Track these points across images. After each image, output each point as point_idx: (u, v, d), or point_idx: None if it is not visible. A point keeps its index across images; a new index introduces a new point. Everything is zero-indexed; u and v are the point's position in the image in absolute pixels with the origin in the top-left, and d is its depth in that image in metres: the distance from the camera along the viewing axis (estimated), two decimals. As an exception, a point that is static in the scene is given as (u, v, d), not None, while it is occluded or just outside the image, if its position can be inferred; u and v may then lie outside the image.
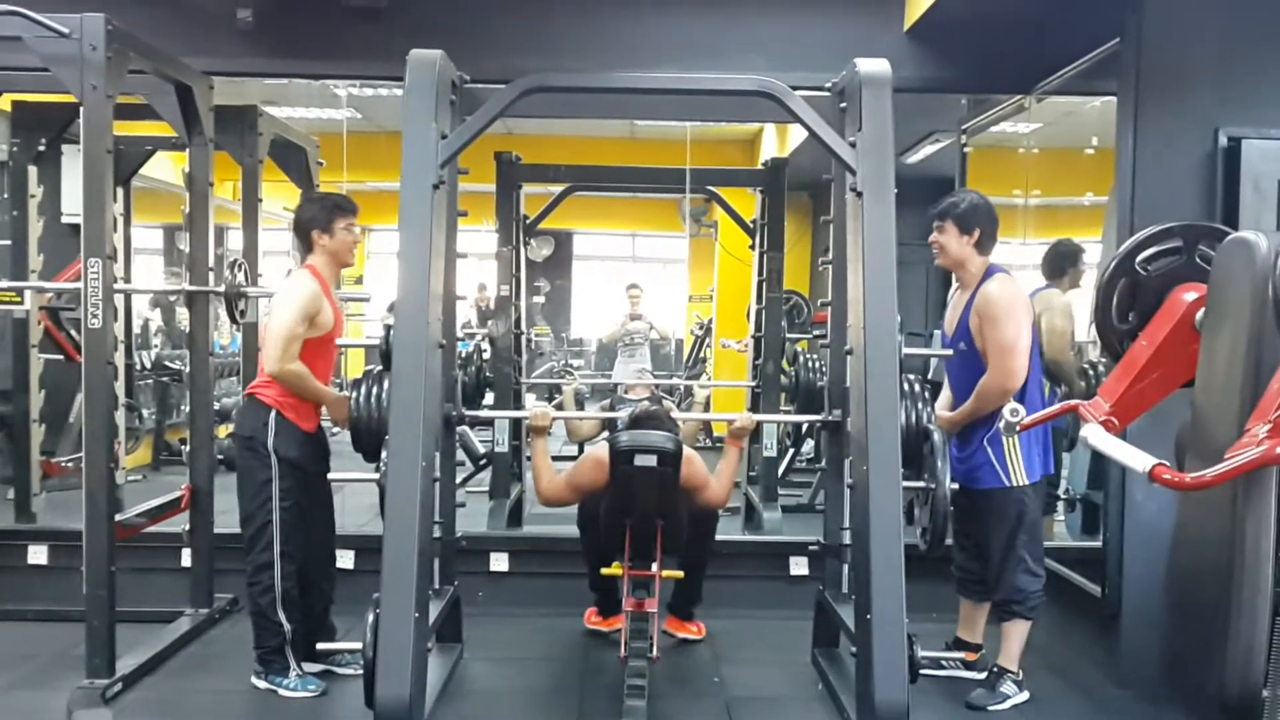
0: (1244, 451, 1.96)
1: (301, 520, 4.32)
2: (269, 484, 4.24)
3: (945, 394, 4.58)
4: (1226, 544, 2.14)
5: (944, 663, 4.54)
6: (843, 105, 4.29)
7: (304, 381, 4.25)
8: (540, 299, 11.67)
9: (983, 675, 4.39)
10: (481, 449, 7.57)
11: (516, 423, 6.68)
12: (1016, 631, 4.30)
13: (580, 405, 8.46)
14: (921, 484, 4.33)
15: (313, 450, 4.37)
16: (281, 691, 4.26)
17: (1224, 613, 2.17)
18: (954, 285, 4.51)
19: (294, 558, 4.28)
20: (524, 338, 7.23)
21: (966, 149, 6.60)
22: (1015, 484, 4.25)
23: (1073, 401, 2.82)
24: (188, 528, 5.03)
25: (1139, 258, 2.73)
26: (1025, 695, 4.29)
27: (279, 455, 4.22)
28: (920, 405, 4.41)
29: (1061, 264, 5.56)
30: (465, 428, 5.31)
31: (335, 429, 4.67)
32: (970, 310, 4.26)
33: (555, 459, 8.75)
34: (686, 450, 4.47)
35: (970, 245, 4.30)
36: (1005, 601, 4.30)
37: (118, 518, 4.35)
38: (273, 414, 4.25)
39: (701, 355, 11.51)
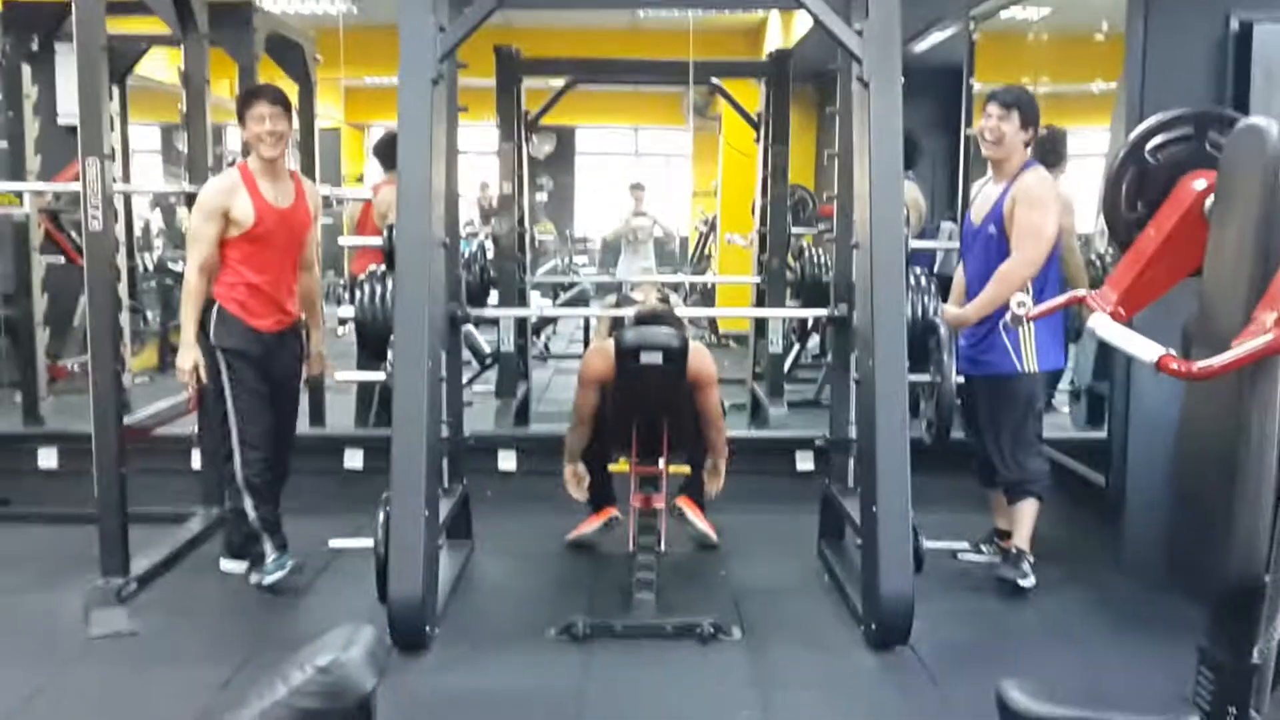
0: (1251, 339, 1.95)
1: (264, 408, 4.30)
2: (219, 376, 4.23)
3: (957, 288, 4.58)
4: (1231, 432, 2.15)
5: (983, 549, 4.67)
6: (849, -8, 4.20)
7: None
8: (543, 196, 11.58)
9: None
10: (487, 348, 7.58)
11: (522, 321, 6.68)
12: (1029, 511, 4.36)
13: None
14: (927, 378, 4.35)
15: (261, 345, 4.26)
16: (258, 578, 4.32)
17: (1228, 501, 2.17)
18: (984, 178, 4.51)
19: (256, 445, 4.27)
20: (527, 236, 7.18)
21: (975, 36, 6.47)
22: (1027, 370, 4.28)
23: (1080, 292, 2.80)
24: (196, 429, 5.06)
25: (1148, 145, 2.68)
26: (1033, 580, 4.32)
27: (220, 347, 4.19)
28: (926, 299, 4.42)
29: (1059, 150, 5.59)
30: (470, 327, 5.31)
31: (339, 320, 4.76)
32: (1005, 197, 4.25)
33: (561, 357, 8.82)
34: (694, 344, 4.46)
35: (1023, 138, 4.28)
36: (1019, 482, 4.36)
37: (126, 420, 4.38)
38: (215, 307, 4.20)
39: (706, 251, 11.46)
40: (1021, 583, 4.29)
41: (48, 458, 5.52)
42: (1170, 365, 2.02)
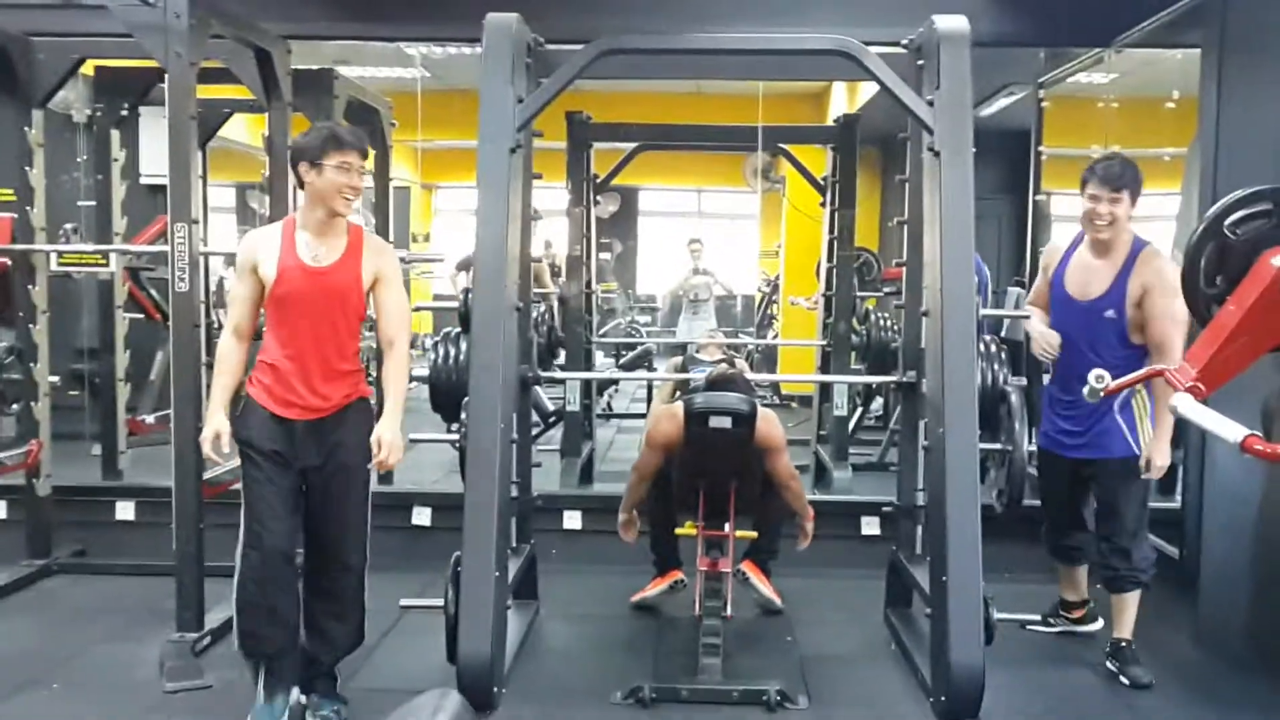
0: (1338, 422, 1.95)
1: (283, 507, 3.59)
2: (239, 467, 3.67)
3: (1038, 325, 4.36)
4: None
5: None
6: (920, 63, 4.24)
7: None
8: (609, 256, 11.68)
9: (1093, 627, 4.61)
10: (552, 406, 7.64)
11: (587, 381, 6.73)
12: (1135, 601, 4.23)
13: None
14: (998, 446, 4.33)
15: (284, 437, 3.58)
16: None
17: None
18: (1072, 244, 4.30)
19: (258, 547, 3.55)
20: (594, 297, 7.26)
21: (1044, 102, 6.49)
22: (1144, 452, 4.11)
23: (1159, 366, 2.79)
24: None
25: (1227, 221, 2.68)
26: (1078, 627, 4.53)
27: (237, 437, 3.60)
28: (996, 366, 4.40)
29: None
30: (537, 387, 5.39)
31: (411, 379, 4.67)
32: (1129, 279, 4.07)
33: (624, 416, 8.85)
34: (762, 410, 4.48)
35: (1131, 216, 4.12)
36: (1132, 572, 4.19)
37: (205, 476, 4.47)
38: (243, 394, 3.69)
39: (771, 312, 11.48)
40: (1145, 680, 4.15)
41: (125, 510, 5.64)
42: (1255, 446, 2.01)
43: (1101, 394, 2.72)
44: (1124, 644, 4.24)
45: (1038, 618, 4.60)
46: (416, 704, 1.83)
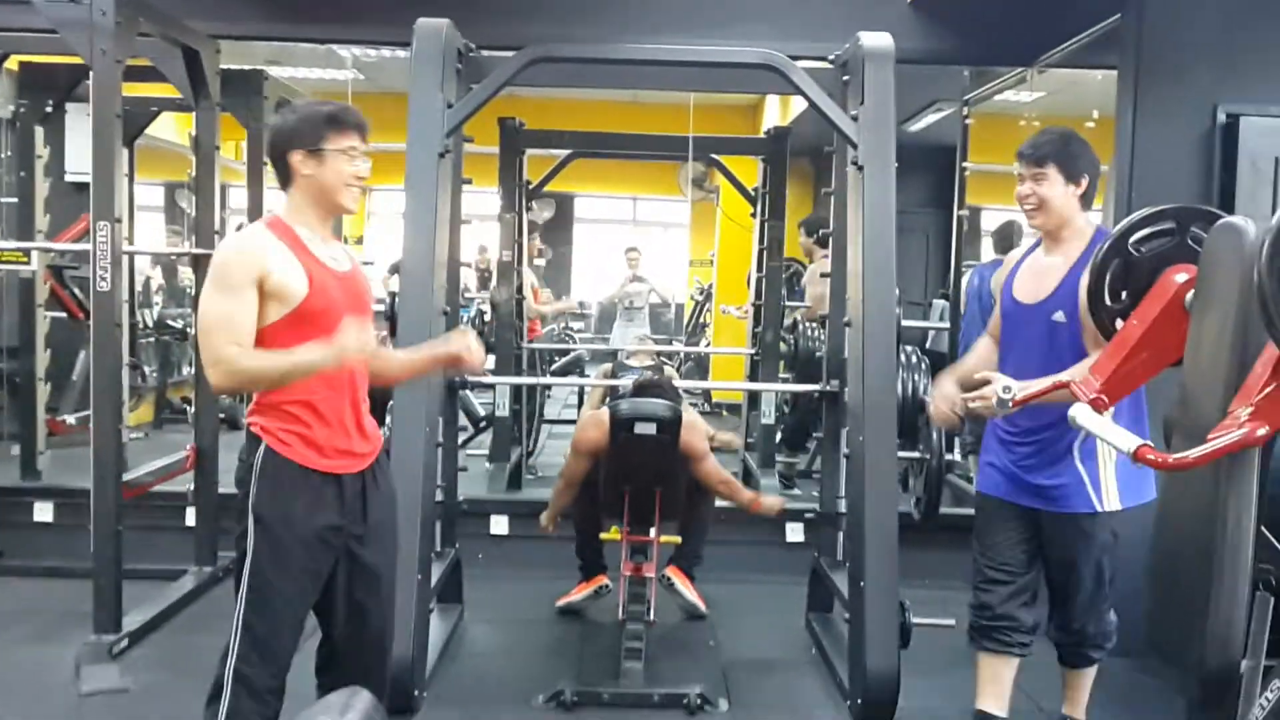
0: (1226, 433, 2.02)
1: (299, 624, 2.77)
2: (243, 563, 2.70)
3: (971, 363, 3.63)
4: (1208, 521, 2.21)
5: None
6: (845, 78, 4.33)
7: (264, 370, 2.63)
8: (541, 263, 11.69)
9: None
10: (482, 411, 7.64)
11: (517, 387, 6.74)
12: (1090, 678, 3.66)
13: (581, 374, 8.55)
14: (916, 454, 4.41)
15: (318, 501, 2.69)
16: None
17: (1204, 588, 2.23)
18: (1028, 250, 3.53)
19: (273, 689, 2.72)
20: (525, 303, 7.27)
21: (968, 120, 6.62)
22: (1107, 508, 3.35)
23: (1063, 377, 2.88)
24: (192, 487, 5.11)
25: (1132, 238, 2.78)
26: None
27: (255, 513, 2.66)
28: (917, 377, 4.49)
29: (1012, 239, 5.78)
30: (466, 391, 5.40)
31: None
32: (1080, 274, 3.17)
33: (555, 422, 8.86)
34: (688, 416, 4.52)
35: (1076, 197, 3.32)
36: (1094, 644, 3.56)
37: (125, 477, 4.42)
38: (261, 450, 2.68)
39: (702, 320, 11.55)
40: None
41: (44, 512, 5.55)
42: (1147, 456, 2.08)
43: (1011, 406, 2.78)
44: None
45: (951, 622, 4.06)
46: (326, 702, 1.83)
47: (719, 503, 4.91)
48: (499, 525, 5.68)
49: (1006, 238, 6.65)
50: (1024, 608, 3.49)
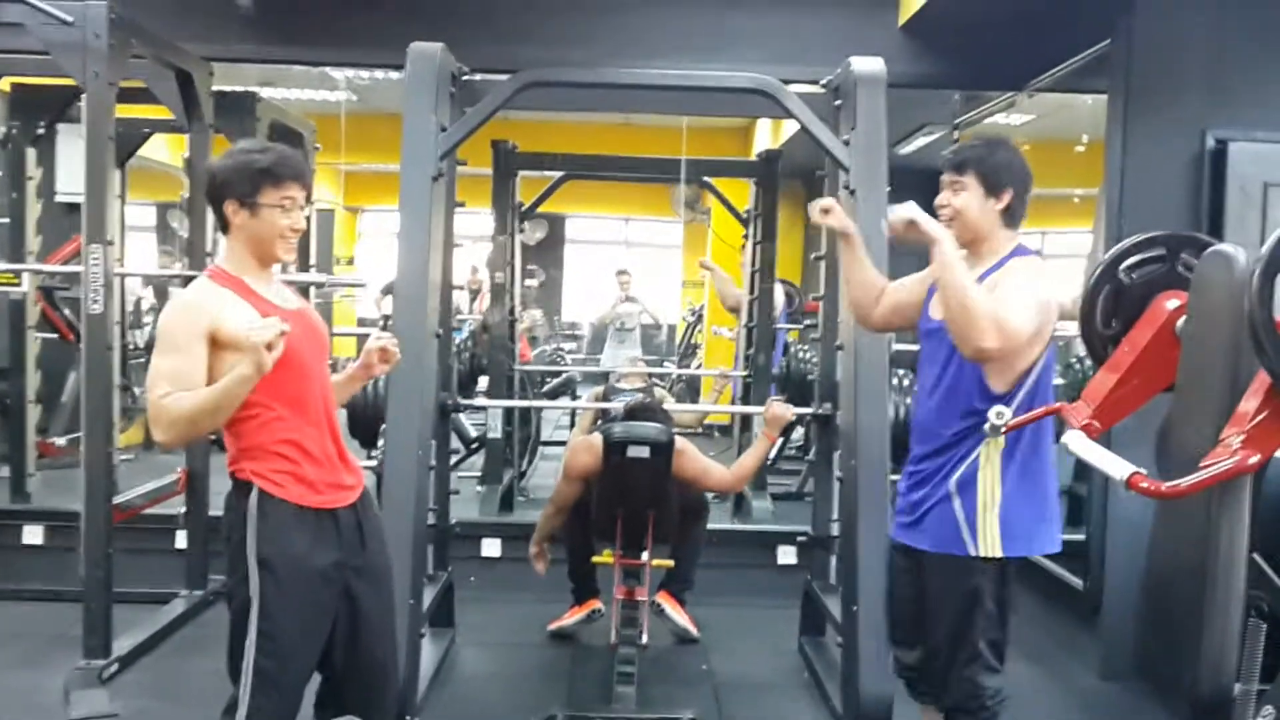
0: (1218, 461, 2.03)
1: (308, 667, 2.72)
2: (247, 609, 2.62)
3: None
4: (1201, 547, 2.21)
5: None
6: (837, 103, 4.35)
7: (197, 406, 2.52)
8: (534, 283, 11.71)
9: None
10: (474, 433, 7.64)
11: (509, 409, 6.74)
12: None
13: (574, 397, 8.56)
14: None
15: (315, 539, 2.65)
16: None
17: (1198, 613, 2.24)
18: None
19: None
20: (518, 324, 7.28)
21: (959, 143, 6.65)
22: (983, 553, 2.98)
23: (1056, 404, 2.88)
24: (183, 510, 5.09)
25: (1123, 265, 2.78)
26: None
27: (260, 557, 2.61)
28: (909, 400, 4.49)
29: None
30: (458, 414, 5.41)
31: None
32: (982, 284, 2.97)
33: (547, 444, 8.86)
34: (679, 443, 4.52)
35: (997, 211, 3.05)
36: (958, 707, 3.08)
37: (115, 500, 4.40)
38: (252, 495, 2.63)
39: (694, 342, 11.57)
40: None
41: (33, 534, 5.52)
42: (1140, 484, 2.09)
43: (1003, 430, 2.78)
44: None
45: None
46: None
47: (710, 524, 4.91)
48: (491, 548, 5.66)
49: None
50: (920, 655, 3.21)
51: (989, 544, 2.96)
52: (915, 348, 4.22)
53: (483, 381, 7.06)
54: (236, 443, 2.65)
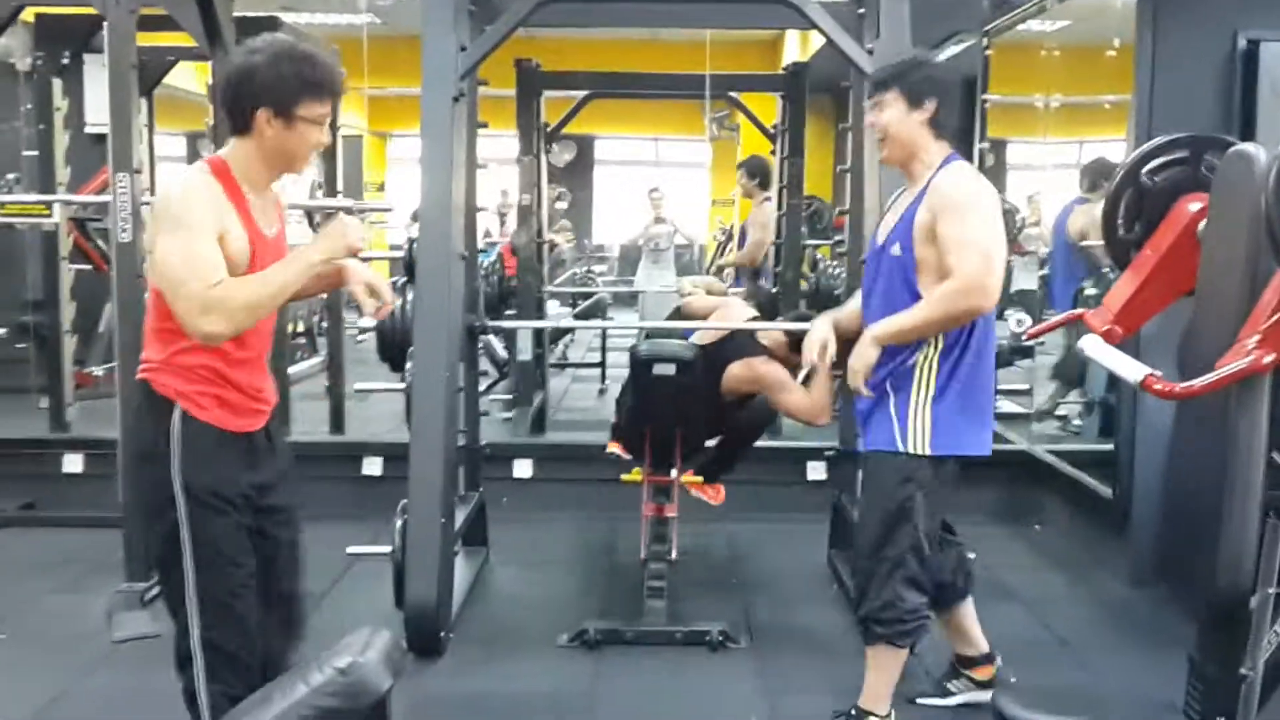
0: (1234, 361, 2.02)
1: (251, 586, 2.56)
2: (176, 536, 2.47)
3: (850, 307, 3.42)
4: (1220, 449, 2.21)
5: (951, 689, 3.56)
6: (860, 11, 4.28)
7: (260, 295, 2.42)
8: (563, 205, 11.67)
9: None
10: (506, 355, 7.67)
11: (539, 331, 6.77)
12: (882, 662, 3.18)
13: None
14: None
15: (239, 461, 2.53)
16: None
17: (1217, 515, 2.24)
18: (898, 190, 3.26)
19: (237, 653, 2.53)
20: (545, 246, 7.27)
21: (988, 51, 6.54)
22: (911, 450, 3.01)
23: (1077, 310, 2.86)
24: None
25: (1146, 168, 2.76)
26: (985, 695, 3.41)
27: (189, 488, 2.46)
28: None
29: (1098, 179, 5.52)
30: (490, 336, 5.43)
31: (359, 329, 4.55)
32: (918, 206, 3.01)
33: (579, 365, 8.87)
34: (742, 363, 4.34)
35: (923, 124, 3.04)
36: (872, 617, 3.12)
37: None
38: (175, 416, 2.46)
39: (724, 261, 11.52)
40: None
41: (73, 463, 5.62)
42: (1154, 386, 2.09)
43: (1024, 338, 2.78)
44: (853, 710, 3.24)
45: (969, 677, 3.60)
46: (347, 642, 1.88)
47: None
48: (522, 469, 5.72)
49: (1097, 174, 5.72)
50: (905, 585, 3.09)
51: (918, 441, 2.99)
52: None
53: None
54: (163, 350, 2.46)
